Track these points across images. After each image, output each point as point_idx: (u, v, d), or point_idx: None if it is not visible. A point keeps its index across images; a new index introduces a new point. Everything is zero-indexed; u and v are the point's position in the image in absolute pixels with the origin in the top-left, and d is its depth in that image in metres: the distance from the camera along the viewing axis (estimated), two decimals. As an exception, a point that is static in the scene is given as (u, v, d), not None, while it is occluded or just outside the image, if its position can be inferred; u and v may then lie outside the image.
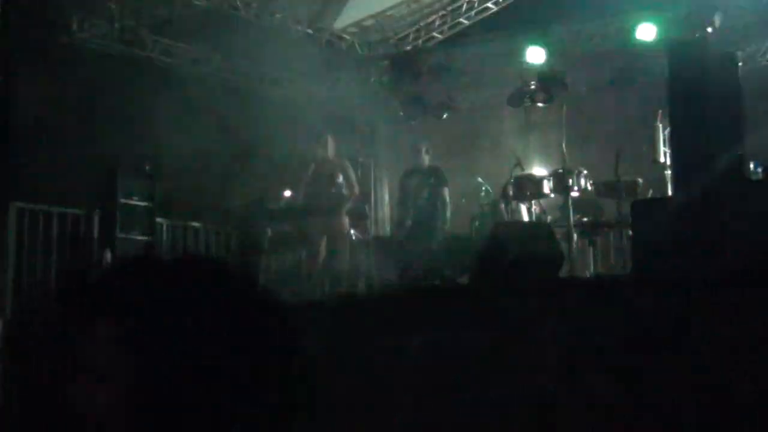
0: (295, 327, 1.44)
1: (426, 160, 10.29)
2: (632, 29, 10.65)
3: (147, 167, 10.13)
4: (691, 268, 5.45)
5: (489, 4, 11.90)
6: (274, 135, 10.52)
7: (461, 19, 12.32)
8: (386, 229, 12.37)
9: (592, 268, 9.26)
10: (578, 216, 9.43)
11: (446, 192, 10.08)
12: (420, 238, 9.77)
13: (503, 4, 11.80)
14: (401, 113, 11.49)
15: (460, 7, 11.97)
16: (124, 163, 10.02)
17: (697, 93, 6.01)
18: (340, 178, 9.98)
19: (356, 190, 10.11)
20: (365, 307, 6.81)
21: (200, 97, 10.25)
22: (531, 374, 5.48)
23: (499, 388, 5.52)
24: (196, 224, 11.13)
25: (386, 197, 13.08)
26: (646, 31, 10.47)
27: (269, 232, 10.11)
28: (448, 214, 10.02)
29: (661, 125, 8.75)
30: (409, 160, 10.61)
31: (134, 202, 10.04)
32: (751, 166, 7.63)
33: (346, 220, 10.01)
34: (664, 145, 8.70)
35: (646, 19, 10.35)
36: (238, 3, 10.70)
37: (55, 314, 1.33)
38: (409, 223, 9.99)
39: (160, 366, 1.31)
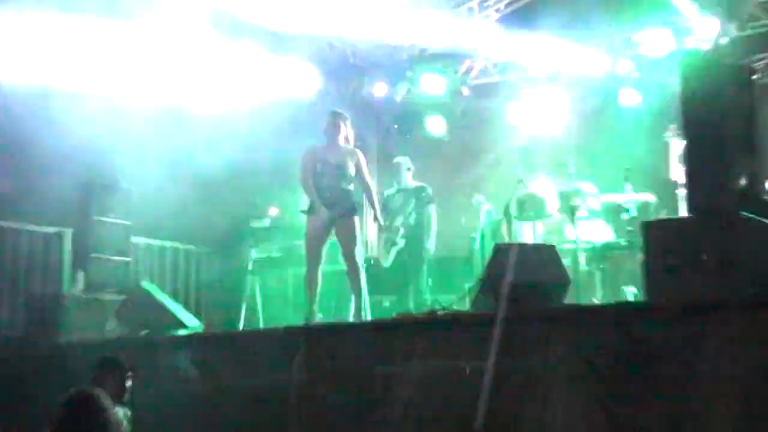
0: None
1: (408, 177, 10.10)
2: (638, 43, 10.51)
3: (123, 183, 9.83)
4: (706, 293, 5.38)
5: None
6: (259, 151, 10.20)
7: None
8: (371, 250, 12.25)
9: (600, 294, 9.10)
10: (585, 237, 9.29)
11: (432, 210, 9.98)
12: (410, 260, 9.63)
13: (505, 11, 11.56)
14: (395, 126, 11.38)
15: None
16: (99, 179, 9.78)
17: (712, 107, 5.94)
18: (352, 171, 8.42)
19: (373, 189, 8.67)
20: (362, 333, 6.75)
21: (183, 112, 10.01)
22: (535, 405, 5.47)
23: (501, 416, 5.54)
24: (176, 244, 10.98)
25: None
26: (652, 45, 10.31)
27: (254, 253, 9.92)
28: (433, 233, 9.89)
29: (672, 141, 8.63)
30: (392, 178, 10.41)
31: (110, 219, 9.75)
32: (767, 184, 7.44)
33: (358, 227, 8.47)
34: (677, 162, 8.57)
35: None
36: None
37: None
38: (401, 243, 9.70)
39: None
